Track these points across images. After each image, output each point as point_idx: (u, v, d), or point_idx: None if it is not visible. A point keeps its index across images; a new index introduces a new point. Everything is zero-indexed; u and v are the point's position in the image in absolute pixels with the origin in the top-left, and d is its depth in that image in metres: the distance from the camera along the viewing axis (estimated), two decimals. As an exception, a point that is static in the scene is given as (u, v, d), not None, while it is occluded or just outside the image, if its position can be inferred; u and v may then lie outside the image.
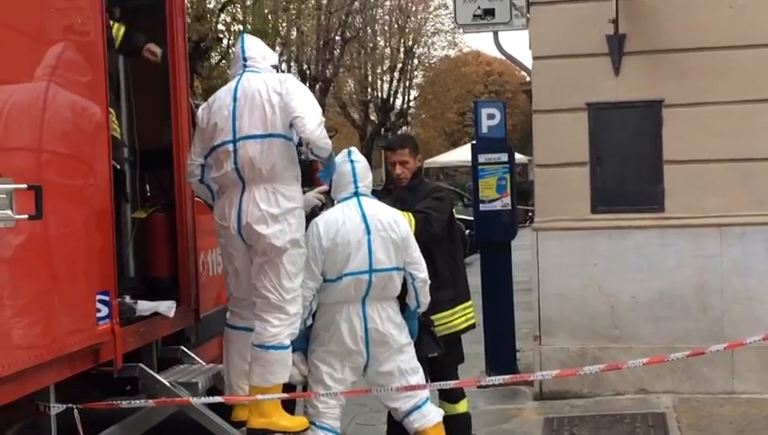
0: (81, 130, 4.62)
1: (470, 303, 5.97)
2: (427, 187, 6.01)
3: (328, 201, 5.61)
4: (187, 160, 5.50)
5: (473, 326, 6.02)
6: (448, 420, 5.66)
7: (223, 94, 5.27)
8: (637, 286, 7.67)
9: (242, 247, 5.17)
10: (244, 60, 5.31)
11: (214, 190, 5.39)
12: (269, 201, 5.02)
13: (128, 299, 5.46)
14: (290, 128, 5.09)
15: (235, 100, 5.14)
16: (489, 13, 8.95)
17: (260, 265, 5.10)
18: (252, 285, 5.19)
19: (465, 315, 5.91)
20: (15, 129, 4.02)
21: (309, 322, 5.39)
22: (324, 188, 5.58)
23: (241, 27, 25.21)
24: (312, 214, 5.51)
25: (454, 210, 6.09)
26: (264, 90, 5.12)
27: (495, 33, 9.34)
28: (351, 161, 5.46)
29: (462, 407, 5.92)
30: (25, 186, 3.91)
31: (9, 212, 3.81)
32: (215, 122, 5.19)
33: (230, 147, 5.09)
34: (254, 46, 5.42)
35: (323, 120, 5.17)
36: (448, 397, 5.85)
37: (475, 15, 8.97)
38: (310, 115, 5.02)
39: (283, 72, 27.68)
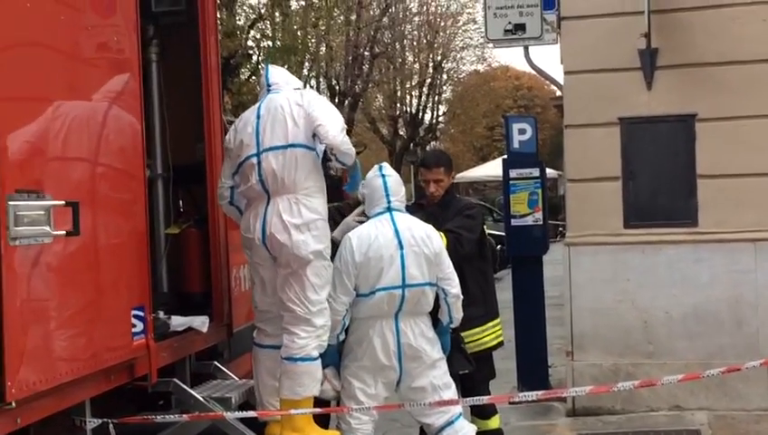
0: (117, 146, 4.66)
1: (499, 320, 5.96)
2: (459, 203, 6.01)
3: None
4: (219, 183, 5.58)
5: (501, 344, 6.00)
6: (481, 437, 5.64)
7: (248, 114, 5.44)
8: (670, 302, 7.61)
9: (267, 257, 5.21)
10: (269, 86, 5.45)
11: (242, 207, 5.44)
12: (291, 212, 5.07)
13: (162, 314, 5.49)
14: (313, 138, 5.17)
15: (258, 117, 5.30)
16: (520, 28, 8.96)
17: (285, 277, 5.13)
18: (278, 299, 5.21)
19: (495, 332, 5.91)
20: (53, 146, 4.06)
21: (342, 337, 5.39)
22: (361, 208, 5.60)
23: (270, 43, 25.36)
24: None
25: (485, 226, 6.09)
26: (287, 104, 5.25)
27: (526, 48, 9.35)
28: (383, 176, 5.47)
29: (494, 423, 5.89)
30: (63, 202, 3.95)
31: (47, 228, 3.85)
32: (240, 139, 5.32)
33: (254, 160, 5.19)
34: (278, 73, 5.58)
35: (345, 127, 5.28)
36: (481, 413, 5.83)
37: (505, 30, 8.98)
38: (331, 122, 5.13)
39: (312, 87, 27.74)
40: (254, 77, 23.99)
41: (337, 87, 30.15)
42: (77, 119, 4.29)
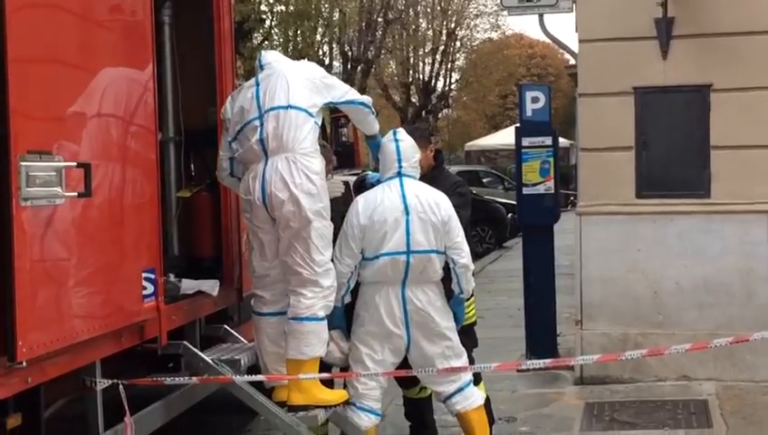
0: (129, 109, 4.66)
1: (473, 298, 5.88)
2: (448, 180, 5.91)
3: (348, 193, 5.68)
4: (218, 157, 5.58)
5: (475, 323, 5.95)
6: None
7: (245, 85, 5.52)
8: (681, 272, 7.60)
9: (267, 219, 5.22)
10: (262, 66, 5.51)
11: (241, 174, 5.45)
12: (290, 170, 5.10)
13: (172, 277, 5.51)
14: (315, 109, 5.25)
15: (257, 84, 5.36)
16: (535, -5, 8.89)
17: (288, 240, 5.15)
18: (283, 263, 5.23)
19: (472, 310, 5.87)
20: (65, 108, 4.06)
21: (347, 299, 5.41)
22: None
23: (283, 8, 25.25)
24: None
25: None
26: (287, 71, 5.36)
27: (541, 16, 9.27)
28: (396, 141, 5.47)
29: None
30: (75, 164, 3.96)
31: (58, 189, 3.85)
32: (240, 106, 5.36)
33: (257, 122, 5.22)
34: (271, 55, 5.68)
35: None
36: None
37: (521, -2, 8.92)
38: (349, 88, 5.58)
39: (324, 53, 27.51)
40: (266, 42, 23.94)
41: (350, 53, 30.03)
42: (89, 81, 4.28)
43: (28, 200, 3.68)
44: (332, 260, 5.26)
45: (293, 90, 5.23)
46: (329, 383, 5.51)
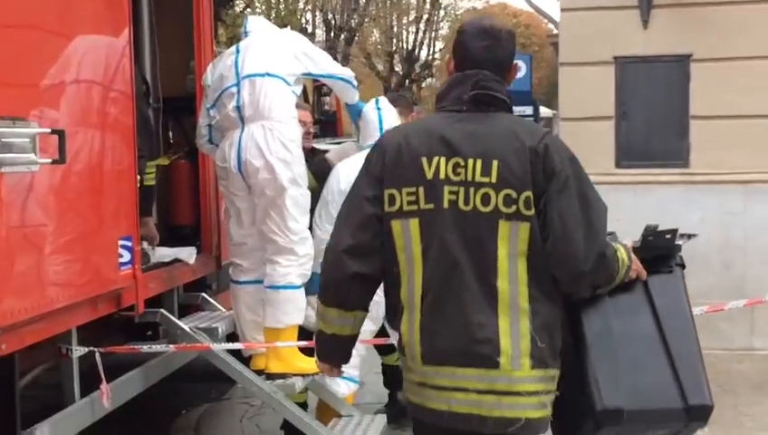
0: (105, 76, 4.61)
1: None
2: None
3: None
4: (197, 124, 5.56)
5: None
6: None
7: (227, 52, 5.50)
8: (659, 242, 7.62)
9: (243, 187, 5.21)
10: (246, 33, 5.50)
11: (219, 141, 5.43)
12: (266, 138, 5.09)
13: (145, 245, 5.49)
14: (293, 78, 5.24)
15: (237, 52, 5.34)
16: (517, -37, 8.86)
17: (264, 208, 5.15)
18: (258, 231, 5.23)
19: None
20: (39, 73, 4.01)
21: (326, 266, 5.40)
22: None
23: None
24: None
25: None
26: (267, 39, 5.36)
27: (523, -16, 9.25)
28: (378, 109, 5.48)
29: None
30: (49, 130, 3.92)
31: (32, 156, 3.81)
32: (219, 73, 5.35)
33: (234, 89, 5.21)
34: (256, 21, 5.67)
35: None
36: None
37: (502, -34, 8.88)
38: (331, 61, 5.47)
39: (307, 21, 27.34)
40: (248, 9, 23.77)
41: (333, 21, 29.85)
42: (65, 46, 4.23)
43: (2, 167, 3.65)
44: (313, 227, 5.26)
45: (272, 58, 5.21)
46: (308, 351, 5.53)
